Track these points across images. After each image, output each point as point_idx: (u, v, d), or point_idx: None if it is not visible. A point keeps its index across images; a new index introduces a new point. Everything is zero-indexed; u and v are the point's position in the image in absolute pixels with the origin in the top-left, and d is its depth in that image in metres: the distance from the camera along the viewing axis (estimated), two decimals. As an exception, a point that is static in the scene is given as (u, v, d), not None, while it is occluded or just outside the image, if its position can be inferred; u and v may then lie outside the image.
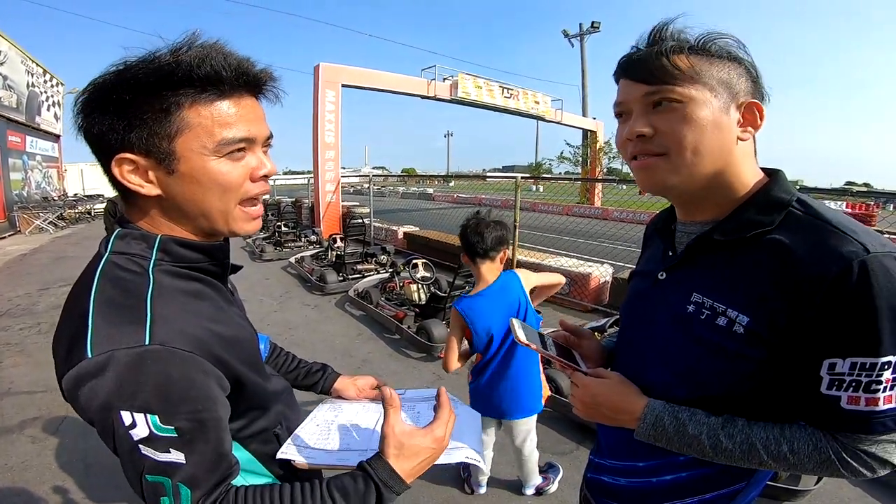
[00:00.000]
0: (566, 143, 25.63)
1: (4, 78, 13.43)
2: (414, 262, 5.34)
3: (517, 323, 0.90)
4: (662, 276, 0.82)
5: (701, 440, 0.71)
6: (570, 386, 0.91)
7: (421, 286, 5.15)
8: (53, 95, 18.24)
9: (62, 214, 14.55)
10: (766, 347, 0.66)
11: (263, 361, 0.86)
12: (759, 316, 0.66)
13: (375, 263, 7.13)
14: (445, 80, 14.02)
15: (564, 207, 19.46)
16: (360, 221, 9.30)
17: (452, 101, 14.49)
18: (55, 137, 18.77)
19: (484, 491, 2.32)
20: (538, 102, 17.70)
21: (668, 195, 0.78)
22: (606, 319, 4.08)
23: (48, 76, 17.63)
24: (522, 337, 0.86)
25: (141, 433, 0.57)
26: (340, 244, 7.40)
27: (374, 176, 11.89)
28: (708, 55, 0.69)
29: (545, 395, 2.03)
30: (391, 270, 6.09)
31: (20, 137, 14.84)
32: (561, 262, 6.06)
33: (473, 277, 1.97)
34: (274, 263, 8.25)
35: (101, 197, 18.34)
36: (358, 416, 0.97)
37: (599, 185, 20.97)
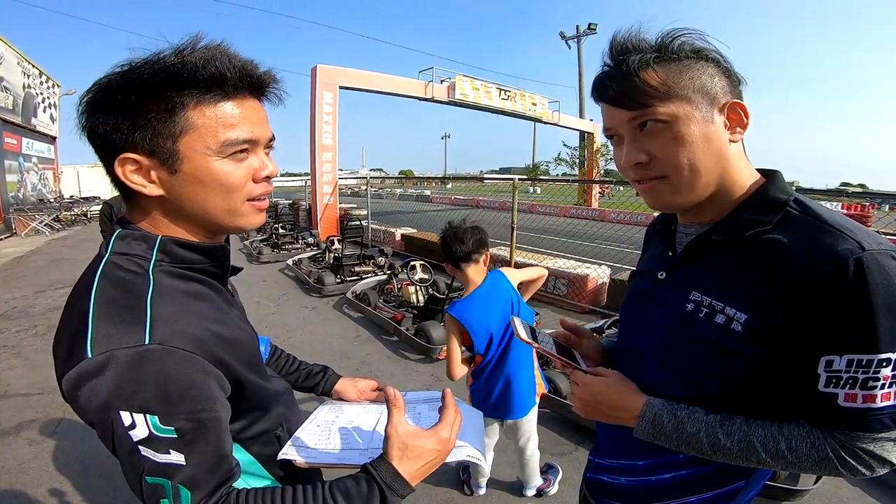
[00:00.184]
0: (563, 144, 25.69)
1: (1, 79, 13.37)
2: (412, 263, 5.34)
3: (518, 321, 0.91)
4: (662, 275, 0.83)
5: (699, 438, 0.71)
6: (569, 386, 0.92)
7: (419, 288, 5.15)
8: (49, 97, 18.17)
9: (58, 216, 14.48)
10: (763, 345, 0.67)
11: (264, 363, 0.86)
12: (756, 313, 0.67)
13: (373, 265, 7.12)
14: (443, 81, 14.00)
15: (562, 209, 19.51)
16: (357, 223, 9.31)
17: (450, 102, 14.47)
18: (51, 139, 18.69)
19: (483, 492, 2.32)
20: (535, 104, 17.71)
21: (673, 211, 0.81)
22: (605, 321, 4.09)
23: (44, 77, 17.56)
24: (524, 335, 0.87)
25: (140, 434, 0.56)
26: (338, 246, 7.39)
27: (371, 178, 11.88)
28: (675, 59, 0.69)
29: (540, 391, 2.05)
30: (389, 272, 6.09)
31: (16, 139, 14.77)
32: (559, 263, 6.08)
33: None
34: (271, 265, 8.23)
35: (97, 199, 18.28)
36: (359, 417, 0.97)
37: (596, 186, 21.01)
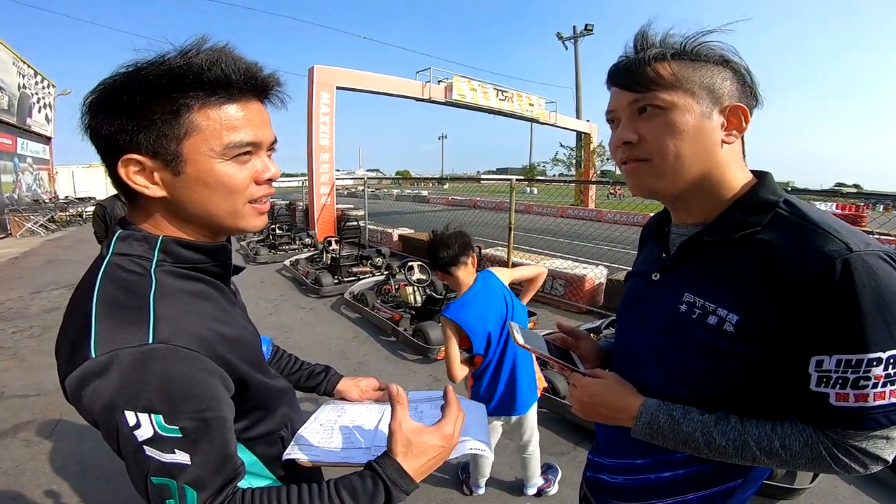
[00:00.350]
0: (560, 145, 25.77)
1: (-5, 79, 13.31)
2: (409, 264, 5.34)
3: (515, 326, 0.92)
4: (656, 276, 0.84)
5: (695, 437, 0.72)
6: (567, 387, 0.93)
7: (417, 288, 5.15)
8: (44, 97, 18.06)
9: (53, 217, 14.42)
10: (755, 345, 0.68)
11: (266, 362, 0.86)
12: (748, 314, 0.68)
13: (371, 266, 7.13)
14: (440, 82, 14.02)
15: (559, 209, 19.54)
16: (355, 224, 9.30)
17: (447, 103, 14.49)
18: (46, 139, 18.57)
19: (483, 492, 2.32)
20: (532, 105, 17.74)
21: (655, 198, 0.80)
22: (602, 321, 4.10)
23: (39, 77, 17.46)
24: (521, 340, 0.88)
25: (145, 434, 0.56)
26: (335, 247, 7.38)
27: (368, 178, 11.87)
28: (694, 59, 0.70)
29: (540, 385, 2.07)
30: (386, 273, 6.10)
31: (11, 139, 14.67)
32: (556, 263, 6.10)
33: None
34: (268, 266, 8.21)
35: (92, 199, 18.18)
36: (361, 416, 0.98)
37: (593, 186, 21.06)
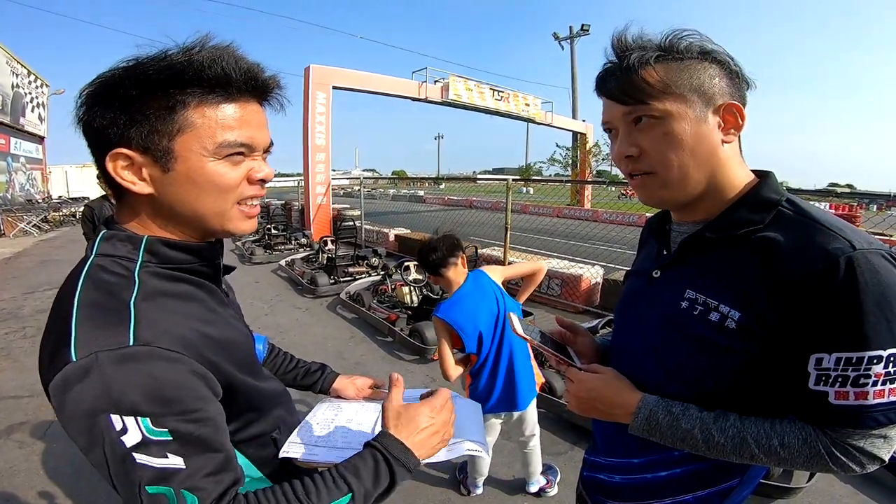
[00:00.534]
0: (556, 145, 25.86)
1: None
2: (406, 264, 5.33)
3: (515, 317, 0.92)
4: (657, 274, 0.83)
5: (694, 434, 0.72)
6: (563, 385, 0.92)
7: (413, 288, 5.14)
8: (38, 96, 17.96)
9: (46, 217, 14.31)
10: (756, 342, 0.68)
11: (261, 362, 0.86)
12: (749, 311, 0.68)
13: (367, 266, 7.10)
14: (436, 82, 14.01)
15: (555, 209, 19.58)
16: (351, 224, 9.28)
17: (443, 103, 14.49)
18: (39, 139, 18.47)
19: (481, 492, 2.32)
20: (528, 105, 17.78)
21: (666, 206, 0.81)
22: (598, 320, 4.12)
23: (33, 77, 17.35)
24: (520, 331, 0.88)
25: (133, 439, 0.54)
26: (331, 247, 7.36)
27: (364, 178, 11.86)
28: (677, 58, 0.70)
29: (539, 380, 2.07)
30: (383, 273, 6.09)
31: (4, 139, 14.59)
32: (552, 263, 6.10)
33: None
34: (264, 266, 8.18)
35: (85, 199, 18.06)
36: (358, 414, 0.98)
37: (589, 186, 21.12)
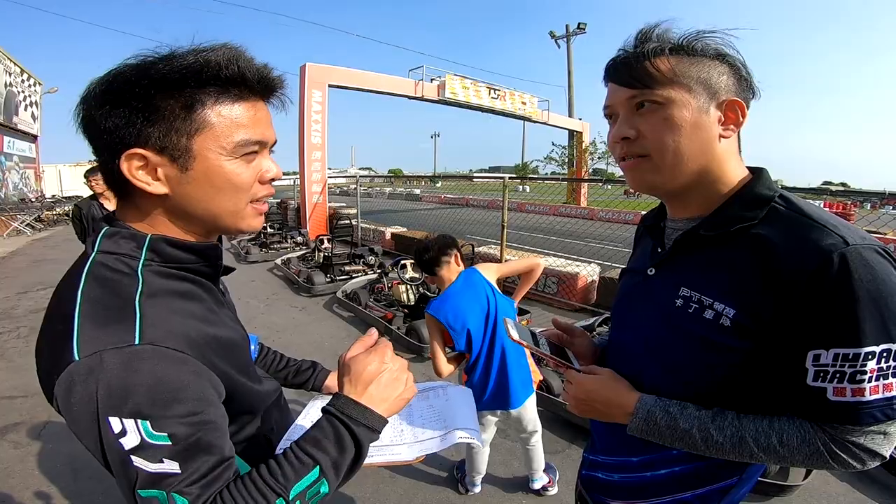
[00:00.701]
0: (553, 144, 25.87)
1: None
2: (402, 262, 5.32)
3: (510, 322, 0.92)
4: (652, 272, 0.84)
5: (692, 433, 0.72)
6: (562, 385, 0.93)
7: (409, 287, 5.13)
8: (31, 95, 17.80)
9: (40, 216, 14.19)
10: (752, 339, 0.68)
11: (254, 362, 0.85)
12: (744, 308, 0.68)
13: (363, 264, 7.09)
14: (433, 80, 13.97)
15: (551, 207, 19.60)
16: (347, 222, 9.26)
17: (440, 101, 14.45)
18: (33, 138, 18.31)
19: (479, 490, 2.32)
20: (525, 103, 17.76)
21: (654, 193, 0.80)
22: (595, 318, 4.13)
23: (26, 76, 17.20)
24: (515, 335, 0.88)
25: (131, 442, 0.53)
26: (328, 245, 7.35)
27: (360, 176, 11.83)
28: (690, 55, 0.70)
29: (536, 378, 2.07)
30: (379, 271, 6.07)
31: (-4, 138, 14.46)
32: (549, 261, 6.11)
33: None
34: (260, 265, 8.15)
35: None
36: None
37: (585, 185, 21.15)
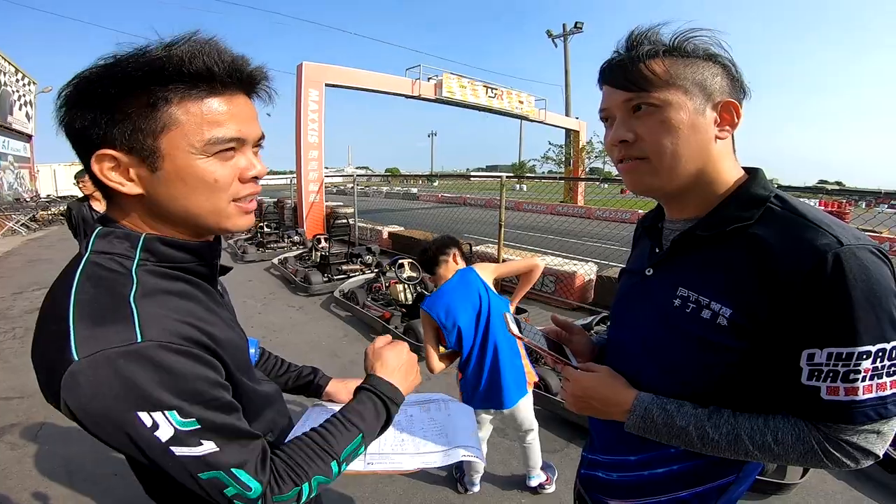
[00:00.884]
0: (549, 143, 25.91)
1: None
2: (400, 262, 5.32)
3: (510, 317, 0.93)
4: (649, 272, 0.84)
5: (688, 431, 0.72)
6: (559, 383, 0.93)
7: (407, 286, 5.13)
8: (25, 94, 17.70)
9: (35, 216, 14.11)
10: (748, 339, 0.68)
11: (253, 366, 0.85)
12: (740, 308, 0.68)
13: (361, 264, 7.08)
14: (430, 79, 13.97)
15: (548, 206, 19.62)
16: (344, 221, 9.24)
17: (437, 100, 14.44)
18: (27, 137, 18.22)
19: (478, 489, 2.33)
20: (522, 102, 17.77)
21: (652, 195, 0.81)
22: (593, 317, 4.14)
23: (20, 75, 17.10)
24: (515, 330, 0.88)
25: (166, 433, 0.54)
26: (325, 245, 7.34)
27: (357, 175, 11.82)
28: (684, 56, 0.71)
29: (531, 379, 2.08)
30: (377, 271, 6.07)
31: (-10, 137, 14.37)
32: (546, 260, 6.12)
33: None
34: (256, 265, 8.12)
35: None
36: None
37: (582, 184, 21.18)
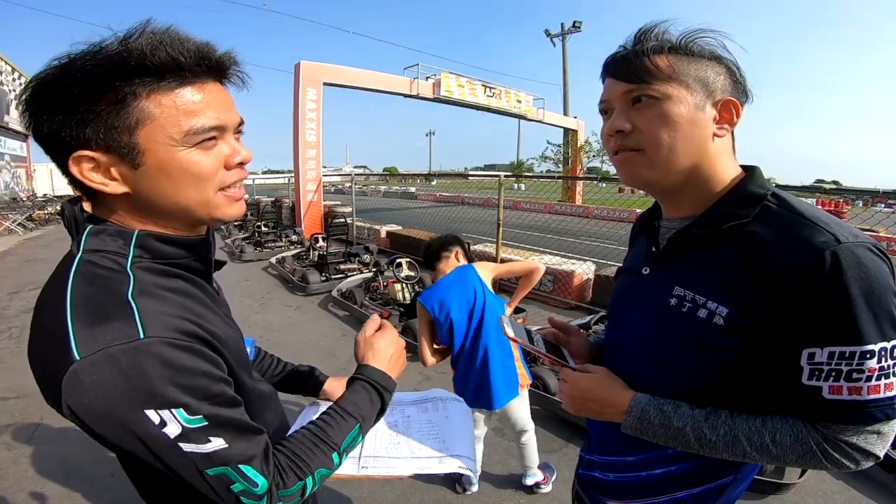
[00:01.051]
0: (548, 142, 25.95)
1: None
2: (398, 261, 5.31)
3: (506, 320, 0.92)
4: (646, 271, 0.84)
5: (685, 432, 0.72)
6: (557, 383, 0.92)
7: (405, 285, 5.12)
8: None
9: (31, 215, 14.06)
10: (745, 338, 0.68)
11: (250, 365, 0.84)
12: (737, 307, 0.68)
13: (358, 263, 7.07)
14: (428, 78, 13.95)
15: (546, 205, 19.63)
16: (342, 221, 9.23)
17: (435, 99, 14.43)
18: (24, 136, 18.14)
19: (476, 489, 2.33)
20: (520, 101, 17.77)
21: (646, 189, 0.80)
22: (591, 317, 4.14)
23: (17, 74, 17.02)
24: (511, 333, 0.87)
25: (174, 430, 0.54)
26: (322, 244, 7.32)
27: (355, 175, 11.80)
28: (688, 54, 0.71)
29: (524, 382, 2.06)
30: (375, 270, 6.06)
31: (-14, 136, 14.30)
32: (545, 259, 6.13)
33: None
34: (254, 264, 8.12)
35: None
36: None
37: (580, 183, 21.19)
